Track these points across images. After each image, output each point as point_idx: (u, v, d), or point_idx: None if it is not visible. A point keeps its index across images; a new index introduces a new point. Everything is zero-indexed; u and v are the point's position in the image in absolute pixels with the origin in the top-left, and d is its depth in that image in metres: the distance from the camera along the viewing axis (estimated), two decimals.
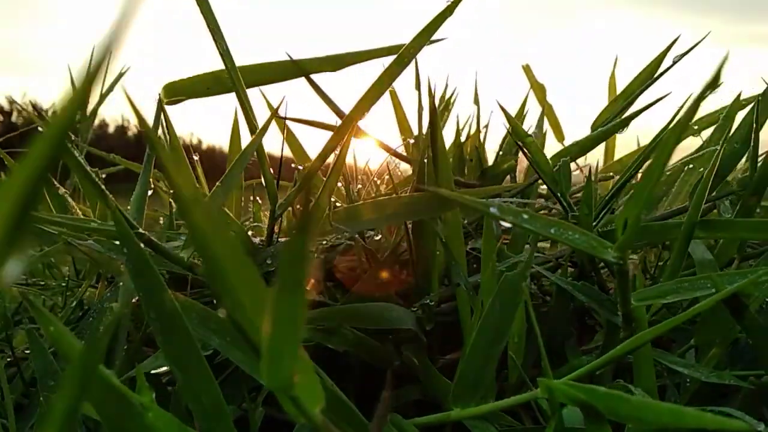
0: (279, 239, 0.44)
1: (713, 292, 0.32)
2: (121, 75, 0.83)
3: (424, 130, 0.60)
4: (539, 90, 0.76)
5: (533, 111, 0.76)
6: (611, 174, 0.62)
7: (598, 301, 0.40)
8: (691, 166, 0.51)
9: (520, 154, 0.66)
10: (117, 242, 0.33)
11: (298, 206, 0.36)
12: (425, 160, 0.41)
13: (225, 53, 0.37)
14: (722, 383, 0.37)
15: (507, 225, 0.53)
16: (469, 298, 0.43)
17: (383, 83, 0.45)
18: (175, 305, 0.28)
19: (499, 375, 0.44)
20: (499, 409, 0.34)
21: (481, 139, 0.67)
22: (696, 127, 0.57)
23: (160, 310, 0.28)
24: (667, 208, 0.48)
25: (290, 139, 0.62)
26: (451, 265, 0.43)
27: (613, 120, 0.51)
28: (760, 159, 0.45)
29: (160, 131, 0.43)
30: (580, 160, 0.70)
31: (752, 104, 0.47)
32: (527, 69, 0.78)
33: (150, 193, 0.42)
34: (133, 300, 0.36)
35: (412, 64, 0.50)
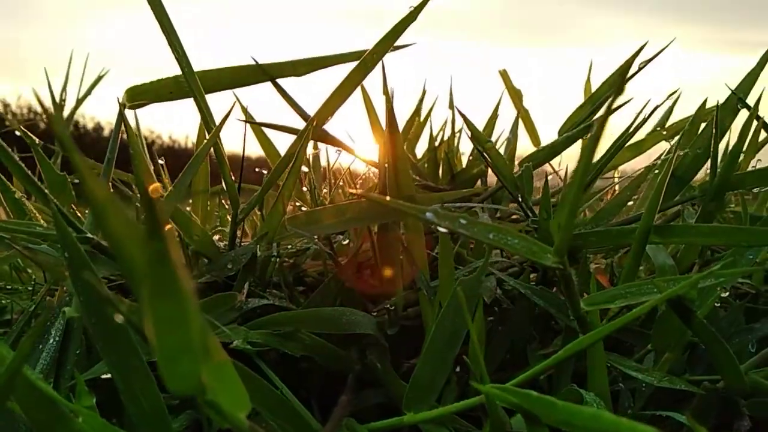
0: (242, 243, 0.44)
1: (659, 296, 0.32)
2: (99, 78, 0.83)
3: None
4: (516, 95, 0.77)
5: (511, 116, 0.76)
6: None
7: (555, 305, 0.40)
8: (657, 171, 0.51)
9: None
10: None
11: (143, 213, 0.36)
12: (386, 165, 0.41)
13: (181, 58, 0.37)
14: (682, 388, 0.37)
15: None
16: (430, 303, 0.43)
17: (346, 88, 0.45)
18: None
19: (461, 379, 0.44)
20: (450, 413, 0.33)
21: (456, 144, 0.67)
22: (665, 133, 0.57)
23: (100, 314, 0.27)
24: (633, 213, 0.49)
25: (265, 143, 0.62)
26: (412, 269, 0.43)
27: (580, 124, 0.51)
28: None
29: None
30: (556, 165, 0.70)
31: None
32: (504, 74, 0.78)
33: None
34: None
35: (389, 68, 0.50)
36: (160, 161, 0.48)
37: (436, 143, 0.68)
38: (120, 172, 0.54)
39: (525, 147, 0.77)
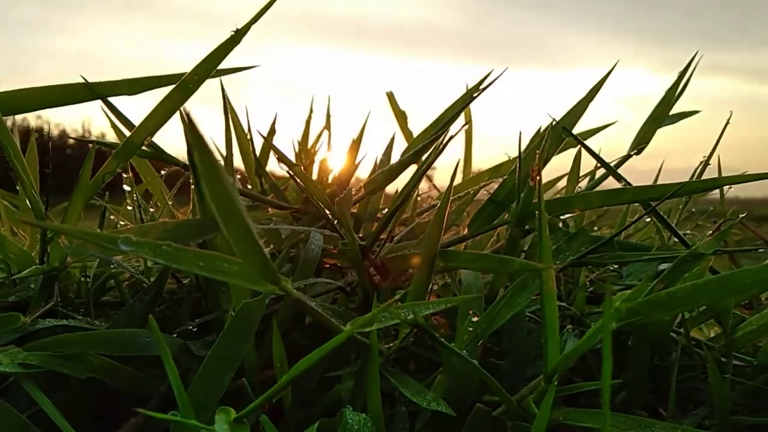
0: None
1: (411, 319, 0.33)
2: None
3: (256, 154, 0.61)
4: (401, 117, 0.78)
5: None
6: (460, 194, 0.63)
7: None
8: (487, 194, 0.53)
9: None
10: None
11: None
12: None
13: None
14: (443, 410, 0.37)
15: None
16: None
17: (163, 109, 0.45)
18: None
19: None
20: None
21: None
22: (510, 158, 0.59)
23: None
24: (455, 235, 0.50)
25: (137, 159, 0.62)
26: (220, 292, 0.43)
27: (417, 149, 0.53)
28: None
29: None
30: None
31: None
32: (390, 96, 0.80)
33: None
34: None
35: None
36: None
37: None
38: None
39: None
